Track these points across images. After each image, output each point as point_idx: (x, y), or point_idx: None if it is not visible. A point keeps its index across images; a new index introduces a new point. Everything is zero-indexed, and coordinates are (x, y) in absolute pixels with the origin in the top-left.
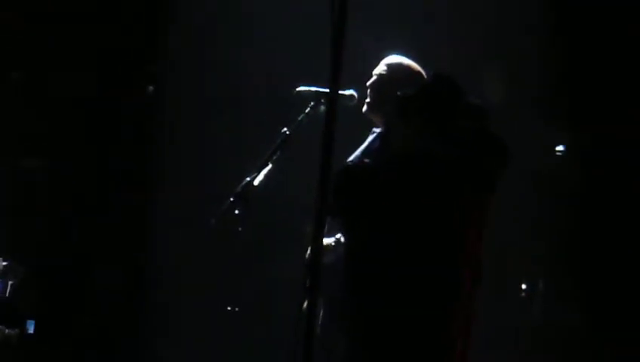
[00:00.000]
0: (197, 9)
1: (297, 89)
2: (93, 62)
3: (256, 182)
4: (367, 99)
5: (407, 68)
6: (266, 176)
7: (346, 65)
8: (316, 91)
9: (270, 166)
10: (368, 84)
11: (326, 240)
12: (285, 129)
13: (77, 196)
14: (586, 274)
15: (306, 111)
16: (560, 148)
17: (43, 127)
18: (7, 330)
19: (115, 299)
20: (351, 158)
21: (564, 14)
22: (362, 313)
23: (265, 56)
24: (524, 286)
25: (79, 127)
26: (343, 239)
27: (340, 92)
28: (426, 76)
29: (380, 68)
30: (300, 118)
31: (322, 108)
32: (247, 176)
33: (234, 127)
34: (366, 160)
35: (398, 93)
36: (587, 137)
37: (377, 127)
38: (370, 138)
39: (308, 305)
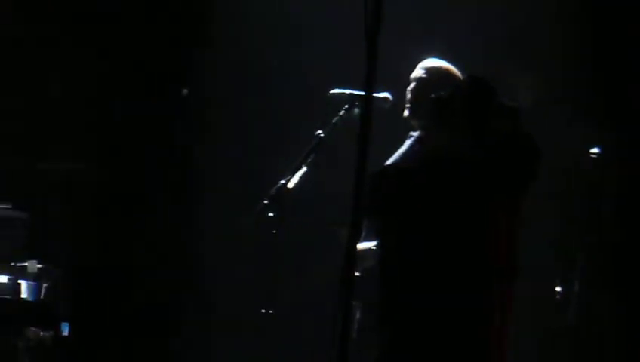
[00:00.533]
0: (233, 10)
1: (331, 91)
2: (131, 64)
3: (290, 185)
4: (408, 104)
5: (446, 71)
6: (300, 178)
7: (381, 67)
8: (350, 94)
9: (304, 168)
10: (408, 89)
11: (366, 245)
12: (320, 131)
13: (112, 198)
14: (622, 277)
15: (341, 113)
16: (595, 150)
17: (81, 130)
18: (41, 333)
19: (150, 301)
20: (389, 162)
21: (600, 13)
22: (394, 314)
23: (299, 59)
24: (558, 289)
25: (119, 129)
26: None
27: (375, 94)
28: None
29: (418, 72)
30: (334, 121)
31: (356, 110)
32: (282, 179)
33: (268, 129)
34: (401, 162)
35: (432, 95)
36: (623, 138)
37: (414, 130)
38: (408, 142)
39: (342, 308)
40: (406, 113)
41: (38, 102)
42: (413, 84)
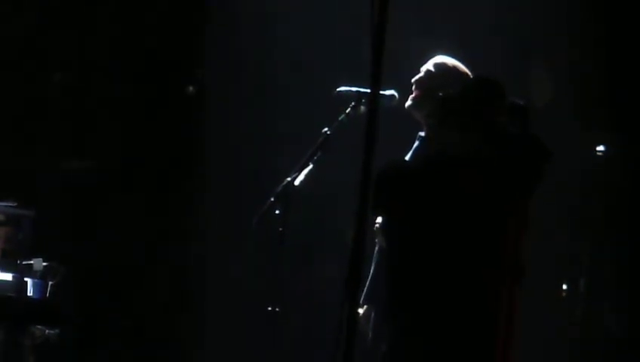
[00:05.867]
0: (238, 7)
1: (338, 89)
2: (137, 62)
3: (296, 183)
4: (412, 95)
5: (454, 68)
6: (306, 176)
7: (387, 65)
8: (357, 91)
9: (311, 166)
10: (414, 80)
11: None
12: (326, 129)
13: (118, 196)
14: (627, 275)
15: (347, 111)
16: (601, 148)
17: (87, 129)
18: (47, 331)
19: (156, 299)
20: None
21: (608, 15)
22: (401, 311)
23: (306, 56)
24: (564, 287)
25: (124, 128)
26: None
27: (381, 92)
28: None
29: (428, 65)
30: (340, 118)
31: (363, 108)
32: (288, 176)
33: (274, 126)
34: (407, 160)
35: (440, 94)
36: (629, 136)
37: (421, 129)
38: (417, 143)
39: (348, 307)
40: (407, 103)
41: (41, 100)
42: (419, 75)
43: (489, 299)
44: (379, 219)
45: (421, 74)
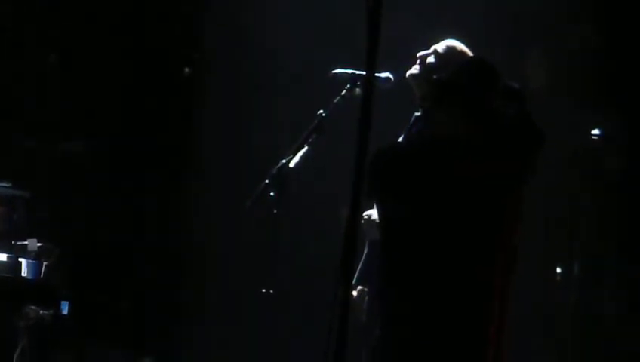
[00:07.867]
0: None
1: (333, 71)
2: (132, 45)
3: (291, 165)
4: (415, 67)
5: (461, 53)
6: (301, 158)
7: (383, 47)
8: (352, 73)
9: (306, 148)
10: (419, 54)
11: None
12: (321, 111)
13: (112, 177)
14: (622, 258)
15: (342, 93)
16: (596, 131)
17: (81, 110)
18: (41, 311)
19: (151, 280)
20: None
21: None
22: (394, 300)
23: (301, 38)
24: (559, 270)
25: (119, 109)
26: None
27: (376, 74)
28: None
29: (438, 45)
30: (335, 101)
31: (358, 90)
32: (283, 159)
33: (271, 109)
34: (401, 143)
35: (434, 76)
36: (625, 120)
37: (417, 110)
38: (411, 124)
39: (341, 291)
40: (408, 73)
41: (37, 80)
42: (425, 51)
43: (482, 289)
44: (366, 213)
45: (428, 50)
